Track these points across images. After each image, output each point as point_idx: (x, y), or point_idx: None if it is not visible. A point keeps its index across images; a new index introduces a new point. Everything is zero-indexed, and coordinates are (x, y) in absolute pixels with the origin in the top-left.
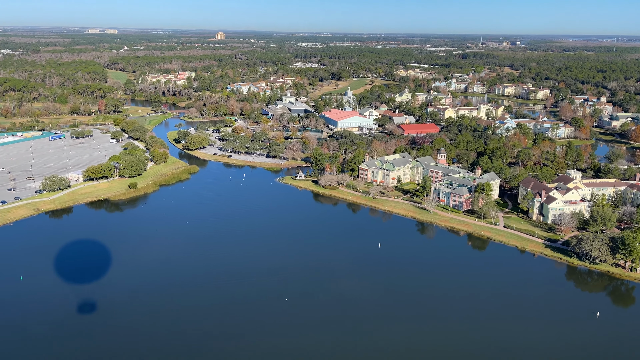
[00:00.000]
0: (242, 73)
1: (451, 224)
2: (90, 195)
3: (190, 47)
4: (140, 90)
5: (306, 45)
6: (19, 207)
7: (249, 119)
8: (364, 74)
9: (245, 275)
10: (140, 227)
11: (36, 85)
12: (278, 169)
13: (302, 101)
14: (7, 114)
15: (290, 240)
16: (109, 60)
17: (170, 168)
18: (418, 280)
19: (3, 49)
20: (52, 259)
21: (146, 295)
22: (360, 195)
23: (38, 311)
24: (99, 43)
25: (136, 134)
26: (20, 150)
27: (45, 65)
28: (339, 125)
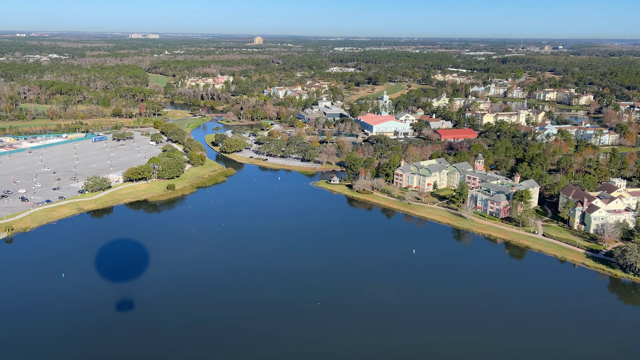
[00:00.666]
0: (279, 77)
1: (488, 231)
2: (129, 196)
3: (228, 52)
4: (180, 93)
5: (343, 50)
6: (63, 206)
7: (285, 123)
8: (400, 79)
9: (278, 277)
10: (177, 227)
11: (81, 88)
12: (312, 173)
13: (337, 105)
14: (53, 116)
15: (323, 244)
16: (150, 64)
17: (207, 170)
18: (453, 288)
19: (51, 54)
20: (93, 257)
21: (182, 294)
22: (395, 200)
23: (78, 307)
24: (141, 48)
25: (175, 137)
26: (64, 151)
27: (90, 69)
28: (374, 129)
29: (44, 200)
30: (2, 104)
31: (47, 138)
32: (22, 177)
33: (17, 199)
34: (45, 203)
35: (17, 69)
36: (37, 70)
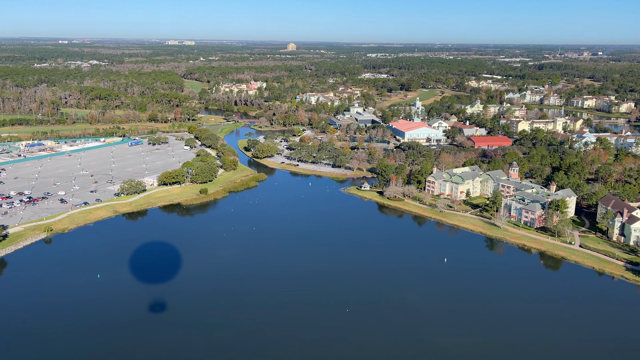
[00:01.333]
0: (312, 83)
1: (522, 241)
2: (163, 199)
3: (262, 58)
4: (214, 99)
5: (376, 56)
6: (99, 208)
7: (317, 129)
8: (433, 85)
9: (308, 282)
10: (209, 231)
11: (119, 94)
12: (343, 179)
13: (369, 112)
14: (92, 120)
15: (353, 251)
16: (186, 70)
17: (239, 175)
18: (484, 298)
19: (91, 60)
20: (127, 259)
21: (213, 297)
22: (426, 208)
23: (112, 307)
24: (177, 54)
25: (209, 142)
26: (102, 154)
27: (127, 75)
28: (406, 136)
29: (81, 203)
30: (44, 108)
31: (86, 142)
32: (62, 179)
33: (56, 200)
34: (82, 205)
35: (59, 74)
36: (78, 76)
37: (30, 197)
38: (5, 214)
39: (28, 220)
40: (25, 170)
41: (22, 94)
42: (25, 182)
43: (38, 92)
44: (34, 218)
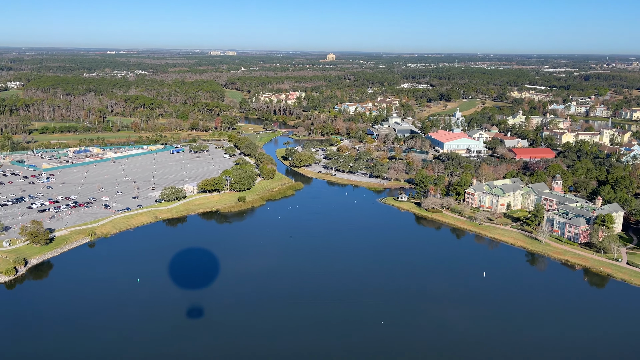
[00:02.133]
0: (350, 93)
1: (565, 256)
2: (202, 207)
3: (301, 68)
4: (254, 108)
5: (415, 66)
6: (141, 214)
7: (354, 139)
8: (474, 95)
9: (342, 293)
10: (246, 239)
11: (162, 102)
12: (380, 189)
13: (408, 122)
14: (136, 128)
15: (389, 262)
16: (227, 80)
17: (276, 184)
18: (525, 314)
19: (137, 70)
20: (167, 264)
21: (249, 305)
22: (465, 220)
23: (151, 311)
24: (219, 64)
25: (247, 150)
26: (145, 161)
27: (171, 85)
28: (445, 146)
29: (124, 208)
30: (91, 116)
31: (129, 149)
32: (106, 185)
33: (100, 205)
34: (125, 210)
35: (106, 84)
36: (123, 85)
37: (76, 202)
38: (52, 217)
39: (73, 224)
40: (72, 176)
41: (71, 102)
42: (72, 187)
43: (86, 101)
44: (79, 222)
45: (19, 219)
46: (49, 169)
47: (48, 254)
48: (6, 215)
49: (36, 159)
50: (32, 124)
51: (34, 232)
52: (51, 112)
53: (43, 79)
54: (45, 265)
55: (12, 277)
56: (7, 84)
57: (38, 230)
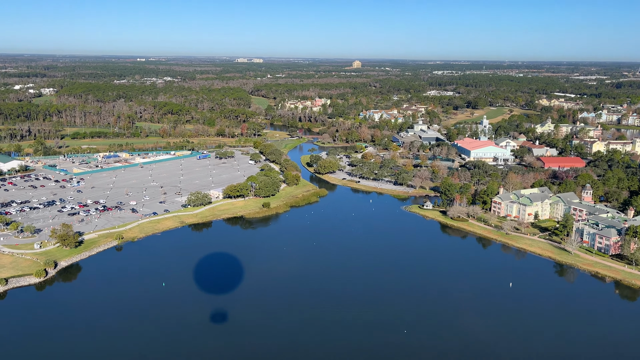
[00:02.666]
0: (375, 100)
1: (595, 268)
2: (227, 212)
3: (327, 75)
4: (279, 115)
5: (442, 73)
6: (167, 219)
7: (379, 146)
8: (502, 103)
9: (365, 301)
10: (270, 244)
11: (190, 109)
12: (405, 197)
13: (434, 129)
14: (164, 134)
15: (413, 270)
16: (253, 87)
17: (301, 190)
18: (553, 326)
19: (165, 77)
20: (192, 269)
21: (272, 310)
22: (491, 229)
23: (175, 315)
24: (245, 71)
25: (272, 157)
26: (172, 167)
27: (198, 92)
28: (472, 154)
29: (151, 213)
30: (121, 122)
31: (157, 154)
32: (134, 190)
33: (128, 210)
34: (152, 215)
35: (135, 90)
36: (152, 91)
37: (104, 206)
38: (82, 221)
39: (102, 228)
40: (102, 181)
41: (102, 108)
42: (101, 191)
43: (116, 107)
44: (107, 226)
45: (50, 222)
46: (79, 173)
47: (77, 256)
48: (38, 218)
49: (67, 163)
50: (64, 129)
51: (64, 235)
52: (82, 118)
53: (75, 86)
54: (74, 268)
55: (42, 279)
56: (41, 90)
57: (68, 233)
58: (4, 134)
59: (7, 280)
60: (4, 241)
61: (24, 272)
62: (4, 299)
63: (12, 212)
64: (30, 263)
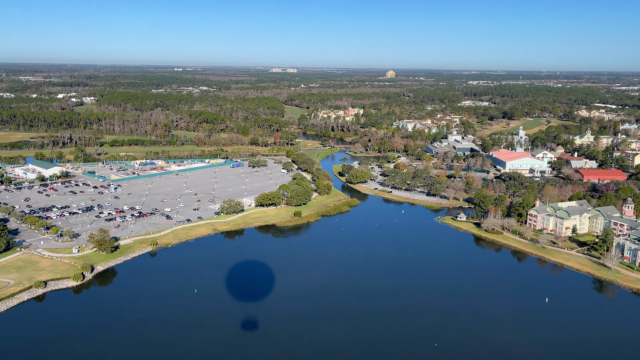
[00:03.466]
0: (409, 110)
1: (637, 285)
2: (259, 220)
3: (360, 85)
4: (312, 125)
5: (477, 83)
6: (200, 225)
7: (412, 156)
8: (539, 114)
9: (396, 313)
10: (301, 253)
11: (224, 118)
12: (438, 208)
13: (468, 140)
14: (199, 142)
15: (446, 283)
16: (287, 96)
17: (332, 199)
18: (592, 344)
19: (201, 86)
20: (223, 276)
21: (303, 320)
22: (527, 243)
23: (206, 322)
24: (280, 81)
25: (305, 166)
26: (206, 175)
27: (233, 101)
28: (507, 166)
29: (184, 219)
30: (158, 130)
31: (192, 162)
32: (169, 197)
33: (162, 216)
34: (185, 222)
35: (172, 99)
36: (188, 100)
37: (140, 212)
38: (118, 226)
39: (137, 233)
40: (138, 187)
41: (139, 116)
42: (137, 198)
43: (153, 115)
44: (142, 232)
45: (88, 227)
46: (117, 180)
47: (113, 261)
48: (76, 223)
49: (105, 170)
50: (103, 137)
51: (101, 240)
52: (121, 126)
53: (115, 95)
54: (110, 272)
55: (79, 283)
56: (82, 99)
57: (104, 238)
58: (47, 141)
59: (47, 283)
60: (45, 245)
61: (62, 275)
62: (43, 301)
63: (53, 217)
64: (69, 267)
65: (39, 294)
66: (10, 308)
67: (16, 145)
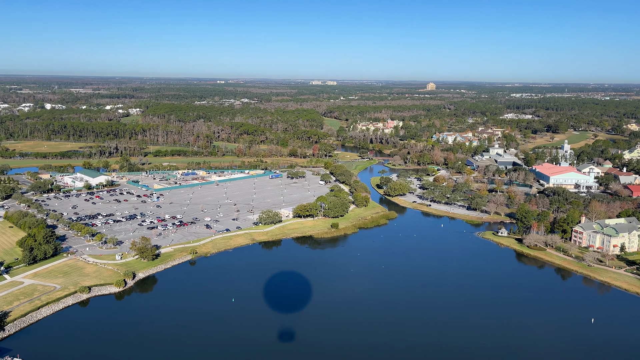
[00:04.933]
0: (449, 123)
1: None
2: (297, 231)
3: (400, 97)
4: (351, 137)
5: (520, 96)
6: (239, 235)
7: (452, 169)
8: (585, 127)
9: (435, 329)
10: (338, 265)
11: (264, 130)
12: (479, 223)
13: (510, 153)
14: (239, 153)
15: (486, 300)
16: (326, 108)
17: (370, 212)
18: None
19: (243, 98)
20: (260, 286)
21: (340, 332)
22: (572, 260)
23: (243, 332)
24: (319, 93)
25: (342, 178)
26: (245, 185)
27: (273, 113)
28: (551, 180)
29: (224, 229)
30: (200, 141)
31: (232, 173)
32: (209, 206)
33: (202, 226)
34: (225, 231)
35: (214, 111)
36: (230, 112)
37: (181, 221)
38: (159, 235)
39: (177, 242)
40: (179, 197)
41: (182, 128)
42: (178, 207)
43: (196, 127)
44: (182, 240)
45: (131, 234)
46: (159, 189)
47: (153, 269)
48: (120, 230)
49: (149, 179)
50: (147, 147)
51: (143, 248)
52: (164, 137)
53: (160, 106)
54: (151, 280)
55: (121, 289)
56: (129, 110)
57: (146, 246)
58: (94, 150)
59: (90, 289)
60: (90, 251)
61: (105, 281)
62: (86, 306)
63: (98, 224)
64: (111, 273)
65: (83, 299)
66: (56, 312)
67: (66, 154)
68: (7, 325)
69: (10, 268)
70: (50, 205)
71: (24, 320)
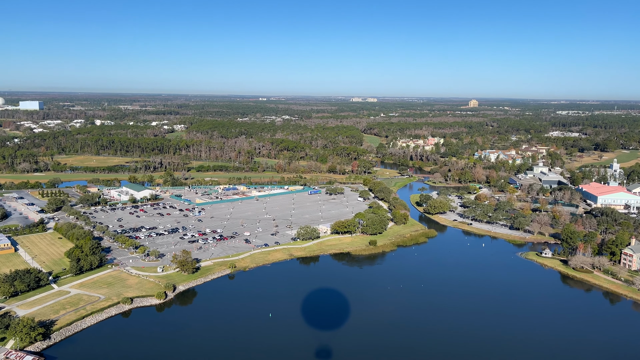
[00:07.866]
0: (492, 140)
1: None
2: (334, 247)
3: (441, 114)
4: (390, 153)
5: (566, 114)
6: (277, 250)
7: (494, 187)
8: (636, 146)
9: (475, 353)
10: (375, 283)
11: (304, 146)
12: (521, 243)
13: (555, 172)
14: (279, 169)
15: (529, 325)
16: (366, 125)
17: (409, 230)
18: None
19: (284, 115)
20: (298, 302)
21: (376, 353)
22: (620, 284)
23: (280, 347)
24: (359, 110)
25: (381, 194)
26: (285, 201)
27: (313, 129)
28: (599, 201)
29: (262, 244)
30: (241, 157)
31: (272, 188)
32: (249, 221)
33: (242, 240)
34: (263, 246)
35: (256, 127)
36: (271, 129)
37: (221, 236)
38: (200, 248)
39: (217, 256)
40: (220, 211)
41: (224, 143)
42: (219, 221)
43: (237, 143)
44: (222, 254)
45: (172, 247)
46: (201, 203)
47: (193, 282)
48: (162, 243)
49: (191, 194)
50: (190, 162)
51: (184, 261)
52: (207, 152)
53: (203, 123)
54: (190, 293)
55: (162, 301)
56: (173, 126)
57: (187, 259)
58: (140, 165)
59: (133, 300)
60: (133, 263)
61: (147, 293)
62: (129, 317)
63: (141, 237)
64: (153, 285)
65: (126, 310)
66: (100, 322)
67: (113, 169)
68: (53, 333)
69: (58, 278)
70: (97, 218)
71: (69, 329)
